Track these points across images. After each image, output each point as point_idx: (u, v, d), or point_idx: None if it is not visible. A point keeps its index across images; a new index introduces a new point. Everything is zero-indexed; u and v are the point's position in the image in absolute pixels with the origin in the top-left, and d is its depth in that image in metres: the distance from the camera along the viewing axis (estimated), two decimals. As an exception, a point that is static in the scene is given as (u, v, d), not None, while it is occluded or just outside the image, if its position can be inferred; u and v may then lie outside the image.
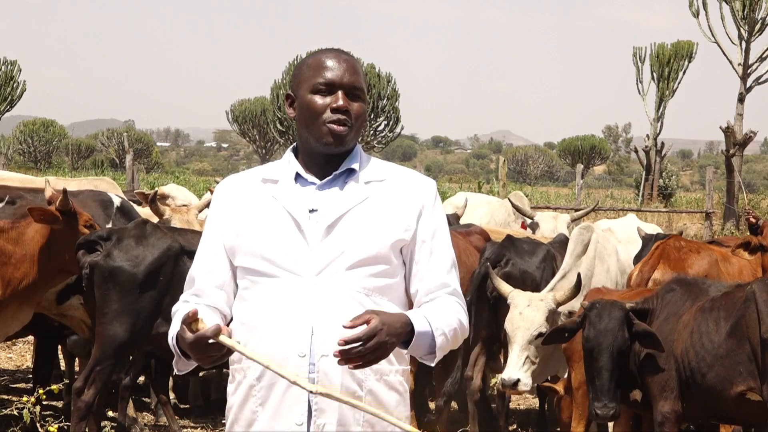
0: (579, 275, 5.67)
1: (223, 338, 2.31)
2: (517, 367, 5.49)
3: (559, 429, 5.94)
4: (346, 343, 2.26)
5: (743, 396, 4.49)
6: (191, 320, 2.32)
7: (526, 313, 5.56)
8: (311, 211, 2.47)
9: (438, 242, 2.55)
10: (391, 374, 2.49)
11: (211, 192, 9.34)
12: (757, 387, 4.43)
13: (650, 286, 5.89)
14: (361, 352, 2.26)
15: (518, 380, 5.45)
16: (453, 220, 7.81)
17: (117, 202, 6.80)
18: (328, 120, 2.48)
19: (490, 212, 10.38)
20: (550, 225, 8.67)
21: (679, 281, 4.99)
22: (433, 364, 2.51)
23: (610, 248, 6.50)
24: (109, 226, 6.35)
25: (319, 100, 2.49)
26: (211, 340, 2.30)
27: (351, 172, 2.52)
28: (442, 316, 2.46)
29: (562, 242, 6.80)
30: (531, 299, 5.62)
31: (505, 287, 5.74)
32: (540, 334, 5.44)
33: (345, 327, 2.28)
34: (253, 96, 46.70)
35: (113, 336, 5.40)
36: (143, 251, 5.47)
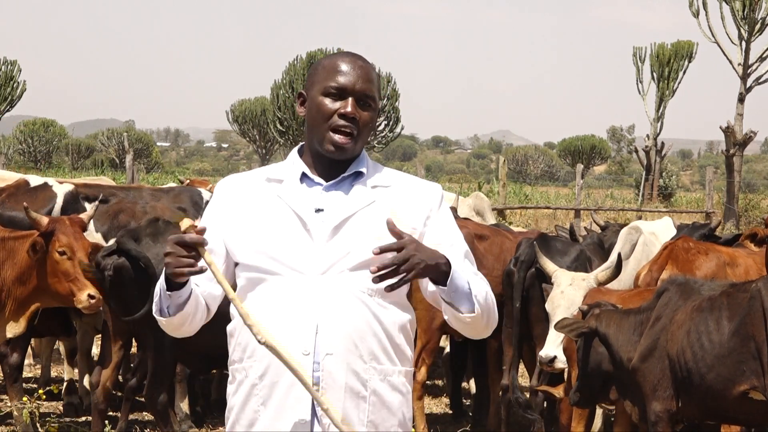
0: (619, 255, 5.77)
1: (207, 256, 2.34)
2: (555, 345, 5.54)
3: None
4: (381, 252, 2.29)
5: (746, 395, 4.47)
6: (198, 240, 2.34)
7: (567, 292, 5.63)
8: (317, 210, 2.46)
9: (454, 239, 2.55)
10: (395, 375, 2.48)
11: (188, 182, 9.52)
12: (761, 386, 4.41)
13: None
14: (394, 262, 2.29)
15: (555, 357, 5.50)
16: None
17: (207, 197, 7.13)
18: (334, 125, 2.47)
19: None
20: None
21: (671, 281, 4.99)
22: (471, 314, 2.42)
23: (656, 251, 6.53)
24: (198, 221, 6.57)
25: (329, 103, 2.48)
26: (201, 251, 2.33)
27: (358, 175, 2.53)
28: (476, 281, 2.47)
29: (596, 243, 6.81)
30: (573, 279, 5.69)
31: (550, 266, 5.81)
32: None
33: (374, 252, 2.30)
34: (253, 96, 46.71)
35: (163, 334, 5.48)
36: (162, 247, 5.57)
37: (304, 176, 2.53)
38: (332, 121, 2.47)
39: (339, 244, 2.43)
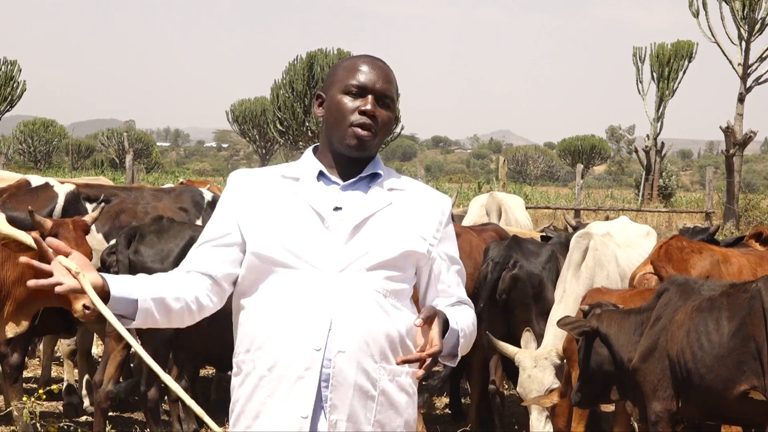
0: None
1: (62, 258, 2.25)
2: (540, 429, 5.65)
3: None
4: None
5: (746, 395, 4.48)
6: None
7: (535, 375, 5.63)
8: (336, 209, 2.47)
9: (455, 258, 2.63)
10: (403, 375, 2.49)
11: (184, 183, 9.54)
12: (761, 386, 4.41)
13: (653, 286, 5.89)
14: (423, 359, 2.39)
15: None
16: None
17: (208, 196, 7.08)
18: (354, 122, 2.49)
19: (469, 210, 10.52)
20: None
21: (671, 281, 5.00)
22: (454, 365, 2.57)
23: (609, 254, 6.46)
24: (200, 221, 6.67)
25: (348, 101, 2.50)
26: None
27: (375, 176, 2.55)
28: (462, 319, 2.56)
29: (561, 243, 6.80)
30: (537, 359, 5.66)
31: (510, 349, 5.77)
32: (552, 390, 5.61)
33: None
34: (253, 96, 46.81)
35: (161, 332, 5.50)
36: (166, 244, 5.61)
37: (321, 175, 2.54)
38: (352, 118, 2.49)
39: (358, 243, 2.44)
